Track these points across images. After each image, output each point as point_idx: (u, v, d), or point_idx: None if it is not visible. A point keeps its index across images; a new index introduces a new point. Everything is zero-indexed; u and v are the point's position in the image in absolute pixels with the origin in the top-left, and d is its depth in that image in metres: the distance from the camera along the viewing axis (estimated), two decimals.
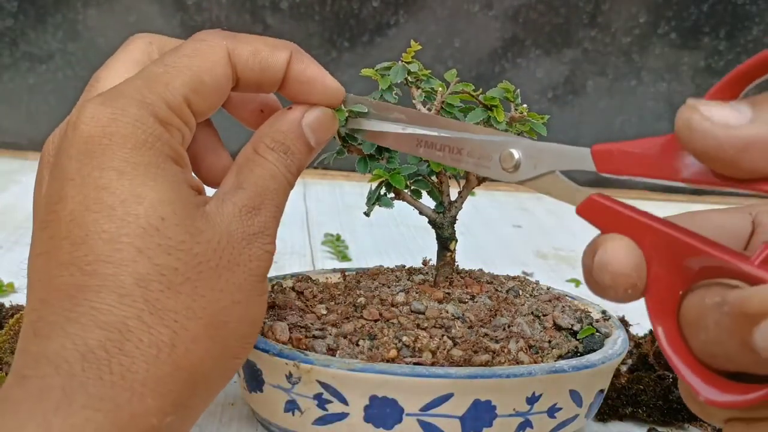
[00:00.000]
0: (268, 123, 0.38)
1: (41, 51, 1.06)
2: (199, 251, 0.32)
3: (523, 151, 0.33)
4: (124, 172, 0.31)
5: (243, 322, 0.33)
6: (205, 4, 1.05)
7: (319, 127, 0.38)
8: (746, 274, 0.26)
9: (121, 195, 0.31)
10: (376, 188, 0.46)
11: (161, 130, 0.33)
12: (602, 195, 0.30)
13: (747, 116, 0.25)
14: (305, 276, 0.50)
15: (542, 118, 0.45)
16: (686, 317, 0.27)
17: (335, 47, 1.09)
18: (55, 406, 0.27)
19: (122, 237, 0.30)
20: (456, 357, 0.41)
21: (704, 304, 0.26)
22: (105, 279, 0.30)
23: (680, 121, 0.26)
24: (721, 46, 1.13)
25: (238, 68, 0.36)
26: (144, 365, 0.29)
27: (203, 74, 0.35)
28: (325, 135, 0.39)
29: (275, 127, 0.37)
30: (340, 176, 1.10)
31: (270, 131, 0.37)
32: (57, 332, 0.29)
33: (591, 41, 1.12)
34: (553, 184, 0.33)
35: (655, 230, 0.28)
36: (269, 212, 0.35)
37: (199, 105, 0.35)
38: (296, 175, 0.38)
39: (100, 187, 0.31)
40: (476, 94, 0.44)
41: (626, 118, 1.15)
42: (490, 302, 0.46)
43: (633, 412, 0.50)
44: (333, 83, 0.39)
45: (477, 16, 1.10)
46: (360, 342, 0.41)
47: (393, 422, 0.40)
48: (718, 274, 0.27)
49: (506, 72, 1.11)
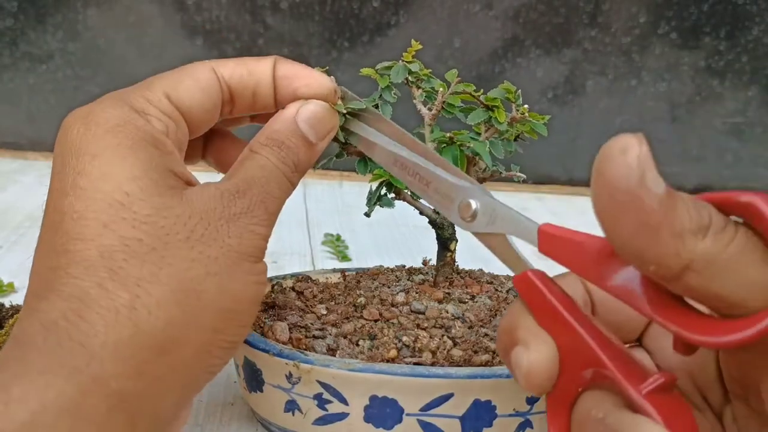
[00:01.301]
0: (265, 125, 0.38)
1: (41, 51, 1.06)
2: (165, 224, 0.32)
3: (482, 205, 0.34)
4: (96, 155, 0.33)
5: (222, 296, 0.33)
6: (205, 4, 1.05)
7: (316, 120, 0.39)
8: (632, 399, 0.26)
9: (92, 175, 0.32)
10: (376, 188, 0.46)
11: (135, 116, 0.34)
12: (538, 273, 0.30)
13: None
14: (305, 276, 0.50)
15: (543, 119, 0.45)
16: (575, 419, 0.28)
17: (335, 47, 1.09)
18: (12, 375, 0.28)
19: (89, 213, 0.31)
20: (456, 357, 0.41)
21: (589, 414, 0.27)
22: (74, 255, 0.31)
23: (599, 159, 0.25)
24: (721, 46, 1.13)
25: (226, 77, 0.38)
26: (103, 329, 0.29)
27: (184, 76, 0.37)
28: (324, 128, 0.39)
29: (270, 126, 0.38)
30: (340, 176, 1.10)
31: (265, 131, 0.38)
32: (28, 314, 0.30)
33: (591, 41, 1.12)
34: (501, 246, 0.33)
35: (572, 331, 0.28)
36: (255, 197, 0.35)
37: (182, 100, 0.36)
38: (294, 168, 0.38)
39: (76, 173, 0.32)
40: (477, 94, 0.44)
41: (626, 118, 1.15)
42: (490, 302, 0.46)
43: None
44: (322, 76, 0.40)
45: (477, 16, 1.10)
46: (360, 342, 0.41)
47: (393, 422, 0.40)
48: (609, 388, 0.27)
49: (506, 72, 1.11)
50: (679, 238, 0.23)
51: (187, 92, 0.37)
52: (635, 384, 0.26)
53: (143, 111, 0.35)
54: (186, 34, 1.05)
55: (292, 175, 0.38)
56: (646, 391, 0.26)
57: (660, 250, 0.23)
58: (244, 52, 1.07)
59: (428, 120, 0.45)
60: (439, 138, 0.44)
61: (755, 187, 1.17)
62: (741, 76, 1.14)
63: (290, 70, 0.39)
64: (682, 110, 1.14)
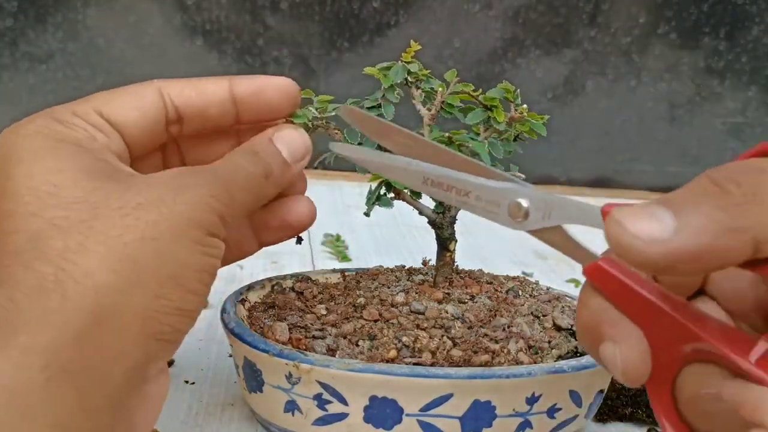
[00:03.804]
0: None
1: (41, 51, 1.06)
2: (97, 199, 0.32)
3: (533, 201, 0.32)
4: (20, 159, 0.34)
5: (162, 261, 0.32)
6: (205, 4, 1.05)
7: (291, 141, 0.39)
8: (743, 370, 0.26)
9: (18, 177, 0.33)
10: (376, 188, 0.46)
11: (55, 124, 0.35)
12: (609, 260, 0.29)
13: (670, 226, 0.25)
14: (305, 276, 0.50)
15: (542, 119, 0.45)
16: (684, 399, 0.28)
17: (335, 47, 1.09)
18: None
19: (19, 208, 0.32)
20: (456, 357, 0.41)
21: (700, 392, 0.27)
22: (6, 247, 0.31)
23: (611, 240, 0.26)
24: (721, 46, 1.13)
25: (173, 97, 0.39)
26: (28, 304, 0.29)
27: (123, 94, 0.38)
28: (299, 150, 0.40)
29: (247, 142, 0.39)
30: (340, 176, 1.10)
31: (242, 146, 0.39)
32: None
33: (591, 41, 1.12)
34: (559, 239, 0.32)
35: (660, 312, 0.28)
36: (214, 176, 0.35)
37: (115, 115, 0.37)
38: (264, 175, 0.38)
39: (5, 178, 0.33)
40: (476, 94, 0.44)
41: (626, 118, 1.15)
42: (490, 302, 0.46)
43: (633, 412, 0.50)
44: (281, 79, 0.40)
45: (477, 16, 1.10)
46: (360, 342, 0.41)
47: (393, 422, 0.40)
48: (714, 360, 0.27)
49: (506, 72, 1.11)
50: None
51: (121, 108, 0.38)
52: (742, 354, 0.26)
53: (67, 121, 0.36)
54: (186, 34, 1.05)
55: (262, 181, 0.38)
56: (756, 358, 0.25)
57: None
58: (244, 52, 1.07)
59: (427, 120, 0.45)
60: (438, 138, 0.44)
61: None
62: (741, 76, 1.14)
63: (251, 86, 0.40)
64: (682, 110, 1.14)
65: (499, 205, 0.33)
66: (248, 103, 0.40)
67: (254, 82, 0.40)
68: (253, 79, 0.40)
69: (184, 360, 0.53)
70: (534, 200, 0.32)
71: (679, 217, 0.25)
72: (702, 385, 0.27)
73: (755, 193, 0.24)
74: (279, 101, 0.40)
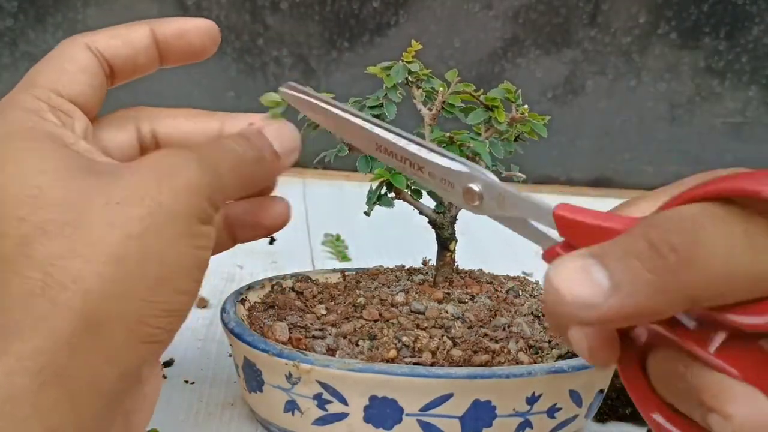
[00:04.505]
0: None
1: (41, 51, 1.06)
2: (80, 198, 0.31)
3: (485, 189, 0.32)
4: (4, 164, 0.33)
5: (148, 261, 0.31)
6: (205, 4, 1.05)
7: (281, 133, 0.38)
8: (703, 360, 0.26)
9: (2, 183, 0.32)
10: (376, 188, 0.46)
11: (27, 117, 0.34)
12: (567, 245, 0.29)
13: (604, 287, 0.25)
14: (305, 276, 0.50)
15: (543, 119, 0.45)
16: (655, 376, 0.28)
17: (335, 47, 1.09)
18: None
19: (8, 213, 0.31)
20: (456, 357, 0.41)
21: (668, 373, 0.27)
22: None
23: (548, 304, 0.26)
24: (721, 46, 1.13)
25: (101, 49, 0.38)
26: (18, 312, 0.29)
27: (64, 63, 0.37)
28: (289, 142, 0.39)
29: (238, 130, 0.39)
30: (340, 176, 1.10)
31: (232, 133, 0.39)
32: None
33: (591, 41, 1.12)
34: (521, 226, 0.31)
35: None
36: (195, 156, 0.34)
37: (71, 90, 0.37)
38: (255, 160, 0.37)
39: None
40: (477, 94, 0.44)
41: (626, 118, 1.15)
42: (490, 302, 0.46)
43: (633, 412, 0.50)
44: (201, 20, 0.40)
45: (477, 16, 1.10)
46: (360, 342, 0.41)
47: (393, 422, 0.40)
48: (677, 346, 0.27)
49: (506, 72, 1.11)
50: None
51: (73, 81, 0.37)
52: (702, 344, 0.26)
53: (36, 110, 0.35)
54: None
55: (253, 165, 0.36)
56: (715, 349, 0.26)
57: None
58: (244, 52, 1.07)
59: (428, 120, 0.45)
60: (439, 138, 0.44)
61: None
62: (741, 76, 1.14)
63: (172, 29, 0.40)
64: (682, 110, 1.14)
65: (453, 186, 0.33)
66: (171, 46, 0.40)
67: (175, 25, 0.40)
68: (174, 21, 0.40)
69: (184, 360, 0.53)
70: (487, 188, 0.32)
71: (613, 277, 0.25)
72: (669, 366, 0.27)
73: (690, 259, 0.24)
74: (202, 42, 0.40)
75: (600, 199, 1.11)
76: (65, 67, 0.37)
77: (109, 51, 0.38)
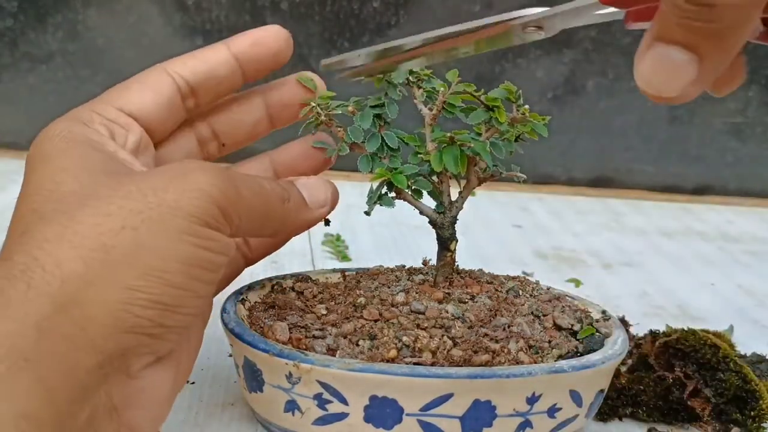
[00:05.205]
0: None
1: (41, 51, 1.06)
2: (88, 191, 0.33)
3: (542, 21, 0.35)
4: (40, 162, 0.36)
5: (140, 251, 0.31)
6: (205, 4, 1.05)
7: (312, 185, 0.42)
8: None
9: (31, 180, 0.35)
10: (377, 187, 0.46)
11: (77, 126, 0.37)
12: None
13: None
14: (305, 276, 0.50)
15: (543, 119, 0.45)
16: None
17: (335, 47, 1.09)
18: None
19: (27, 207, 0.33)
20: (456, 357, 0.41)
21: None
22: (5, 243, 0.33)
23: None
24: None
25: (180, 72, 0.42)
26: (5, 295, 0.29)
27: (134, 83, 0.41)
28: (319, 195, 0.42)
29: None
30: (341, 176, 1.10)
31: None
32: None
33: (591, 41, 1.12)
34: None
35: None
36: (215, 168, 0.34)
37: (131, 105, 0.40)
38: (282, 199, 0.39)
39: (25, 182, 0.35)
40: (478, 94, 0.44)
41: (626, 118, 1.15)
42: (490, 302, 0.46)
43: (633, 412, 0.50)
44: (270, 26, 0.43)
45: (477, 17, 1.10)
46: (360, 342, 0.41)
47: (393, 422, 0.40)
48: None
49: (506, 72, 1.11)
50: None
51: (135, 97, 0.40)
52: None
53: (87, 121, 0.38)
54: (186, 34, 1.05)
55: (276, 201, 0.38)
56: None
57: None
58: None
59: (429, 120, 0.45)
60: (440, 138, 0.45)
61: (755, 188, 1.18)
62: None
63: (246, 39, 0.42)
64: (682, 110, 1.14)
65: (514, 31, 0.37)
66: (250, 56, 0.42)
67: (248, 36, 0.42)
68: (246, 33, 0.42)
69: None
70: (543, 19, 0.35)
71: None
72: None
73: None
74: (278, 46, 0.42)
75: (600, 199, 1.11)
76: (131, 86, 0.41)
77: (185, 70, 0.42)
